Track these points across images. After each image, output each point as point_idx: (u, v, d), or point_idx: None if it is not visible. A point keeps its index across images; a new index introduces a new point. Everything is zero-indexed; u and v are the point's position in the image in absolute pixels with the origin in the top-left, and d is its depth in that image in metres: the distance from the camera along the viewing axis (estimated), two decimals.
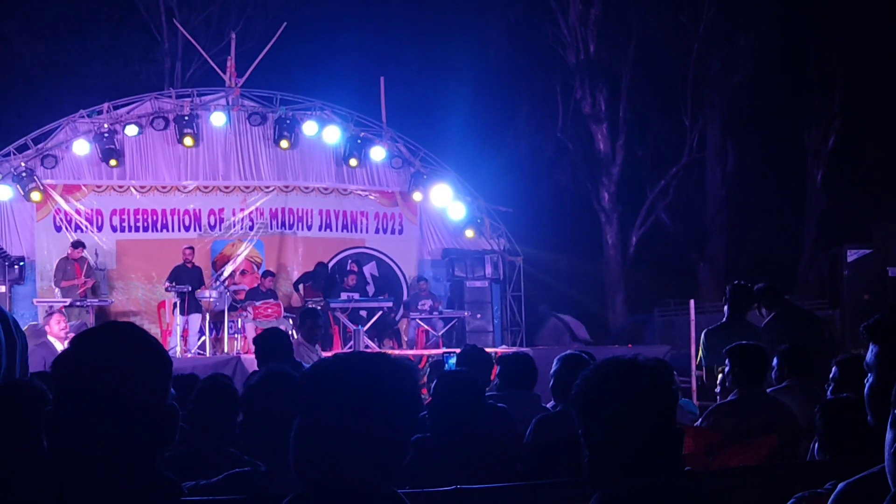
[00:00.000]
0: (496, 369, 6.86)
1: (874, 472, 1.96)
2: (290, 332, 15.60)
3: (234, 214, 17.92)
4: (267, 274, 16.87)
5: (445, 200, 18.65)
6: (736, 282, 7.72)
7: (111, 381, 2.08)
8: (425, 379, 7.56)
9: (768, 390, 5.84)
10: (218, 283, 17.16)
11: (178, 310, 15.69)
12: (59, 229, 17.14)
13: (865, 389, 2.28)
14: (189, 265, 16.15)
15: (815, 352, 6.48)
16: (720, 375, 6.13)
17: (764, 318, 7.43)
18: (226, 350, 15.54)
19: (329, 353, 13.64)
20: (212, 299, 16.00)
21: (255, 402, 3.51)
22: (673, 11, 25.95)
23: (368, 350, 13.07)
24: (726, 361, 5.74)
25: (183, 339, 15.56)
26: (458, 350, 9.10)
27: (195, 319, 15.87)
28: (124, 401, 2.07)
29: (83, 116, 17.27)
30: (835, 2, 23.45)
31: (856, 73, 24.18)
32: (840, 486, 2.13)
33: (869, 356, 2.27)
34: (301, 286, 17.38)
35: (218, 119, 17.60)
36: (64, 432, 2.08)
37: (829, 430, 4.01)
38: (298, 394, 2.16)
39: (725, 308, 7.53)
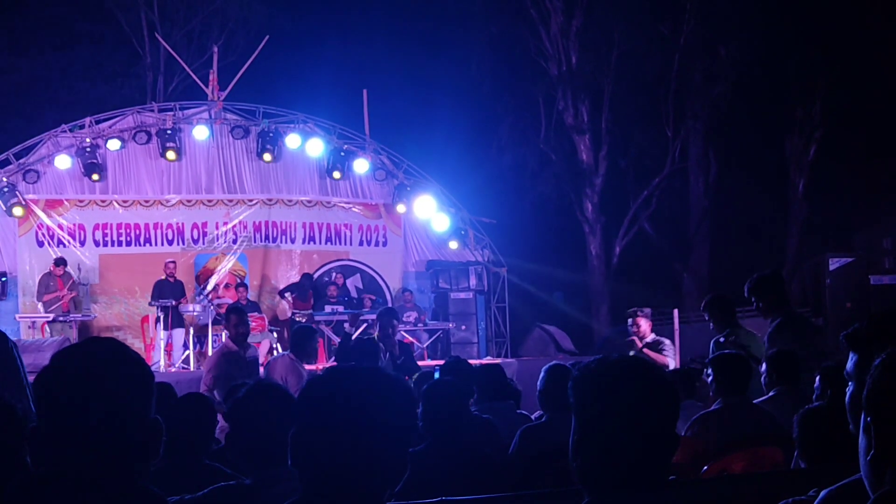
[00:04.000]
0: None
1: (856, 479, 1.97)
2: (274, 347, 15.65)
3: (217, 228, 17.88)
4: (240, 286, 16.83)
5: (429, 212, 18.68)
6: (708, 297, 7.67)
7: (93, 397, 2.07)
8: None
9: (756, 401, 5.83)
10: (201, 296, 17.12)
11: (160, 324, 15.65)
12: (41, 244, 17.08)
13: (846, 398, 2.29)
14: (171, 279, 16.11)
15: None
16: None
17: (766, 320, 7.19)
18: None
19: (309, 367, 13.61)
20: (195, 313, 15.96)
21: (243, 415, 3.50)
22: (654, 22, 26.05)
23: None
24: (709, 371, 5.75)
25: (167, 354, 15.52)
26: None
27: (178, 334, 15.83)
28: (106, 416, 2.07)
29: (65, 131, 17.22)
30: (815, 12, 23.61)
31: (836, 83, 24.33)
32: (822, 493, 2.14)
33: (849, 365, 2.28)
34: (288, 295, 17.32)
35: (200, 133, 17.58)
36: (47, 448, 2.08)
37: (804, 440, 4.03)
38: (294, 405, 2.17)
39: (711, 324, 7.44)
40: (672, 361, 9.45)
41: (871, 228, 17.93)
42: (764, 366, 6.07)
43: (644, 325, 10.04)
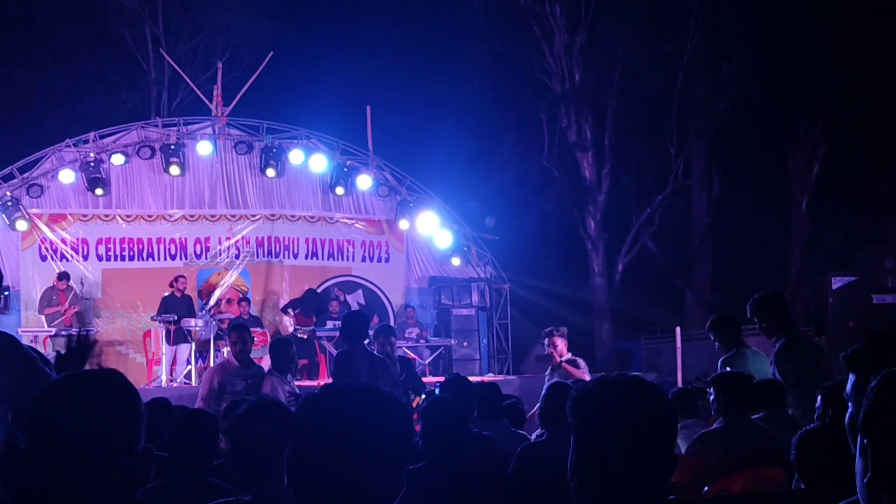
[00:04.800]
0: None
1: (852, 501, 1.97)
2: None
3: (220, 243, 17.88)
4: (243, 300, 16.81)
5: (432, 228, 18.69)
6: (713, 317, 7.64)
7: (84, 428, 2.11)
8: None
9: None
10: (204, 312, 17.10)
11: (164, 340, 15.64)
12: (44, 258, 17.08)
13: (846, 419, 2.28)
14: (179, 294, 16.08)
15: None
16: None
17: (769, 340, 7.19)
18: None
19: (311, 383, 13.60)
20: (198, 328, 15.93)
21: (243, 432, 3.51)
22: (658, 40, 26.13)
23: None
24: (710, 390, 5.75)
25: (171, 369, 15.49)
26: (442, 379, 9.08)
27: (183, 349, 15.77)
28: (97, 446, 2.10)
29: (69, 145, 17.26)
30: (818, 29, 23.66)
31: (839, 101, 24.36)
32: None
33: (848, 386, 2.28)
34: (291, 311, 17.30)
35: (204, 148, 17.62)
36: (39, 472, 2.09)
37: (802, 461, 4.02)
38: (291, 422, 2.18)
39: (717, 344, 7.40)
40: (588, 377, 9.66)
41: (874, 247, 17.91)
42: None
43: (560, 343, 10.48)
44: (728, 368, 6.85)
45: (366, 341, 8.34)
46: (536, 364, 18.38)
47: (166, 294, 16.02)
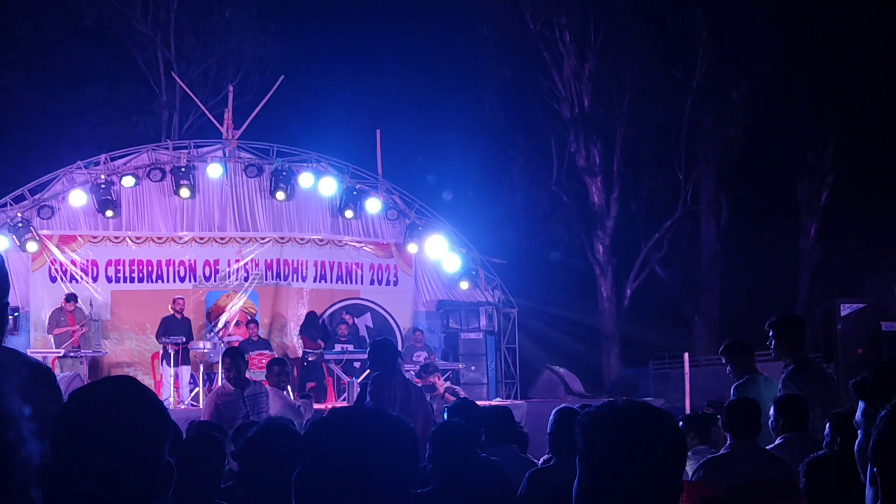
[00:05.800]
0: None
1: None
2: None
3: (229, 266, 17.90)
4: (251, 322, 16.82)
5: (440, 252, 18.69)
6: (727, 342, 7.61)
7: (110, 440, 2.07)
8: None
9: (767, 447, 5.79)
10: (212, 334, 17.12)
11: (165, 362, 15.68)
12: (53, 280, 17.12)
13: (855, 447, 2.28)
14: (178, 316, 16.12)
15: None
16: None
17: (776, 362, 7.14)
18: None
19: (318, 406, 13.58)
20: (206, 350, 15.96)
21: (253, 455, 3.51)
22: (667, 66, 26.22)
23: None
24: (718, 416, 5.75)
25: (175, 391, 15.52)
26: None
27: (185, 371, 15.82)
28: (122, 459, 2.07)
29: (80, 167, 17.32)
30: (827, 57, 23.72)
31: (848, 128, 24.40)
32: None
33: (857, 414, 2.28)
34: (313, 334, 17.27)
35: (214, 171, 17.67)
36: (60, 486, 2.08)
37: (811, 489, 4.01)
38: (300, 446, 2.18)
39: (729, 368, 7.37)
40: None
41: (882, 274, 17.85)
42: (772, 410, 6.03)
43: (434, 379, 11.97)
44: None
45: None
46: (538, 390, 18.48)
47: (166, 315, 16.07)
